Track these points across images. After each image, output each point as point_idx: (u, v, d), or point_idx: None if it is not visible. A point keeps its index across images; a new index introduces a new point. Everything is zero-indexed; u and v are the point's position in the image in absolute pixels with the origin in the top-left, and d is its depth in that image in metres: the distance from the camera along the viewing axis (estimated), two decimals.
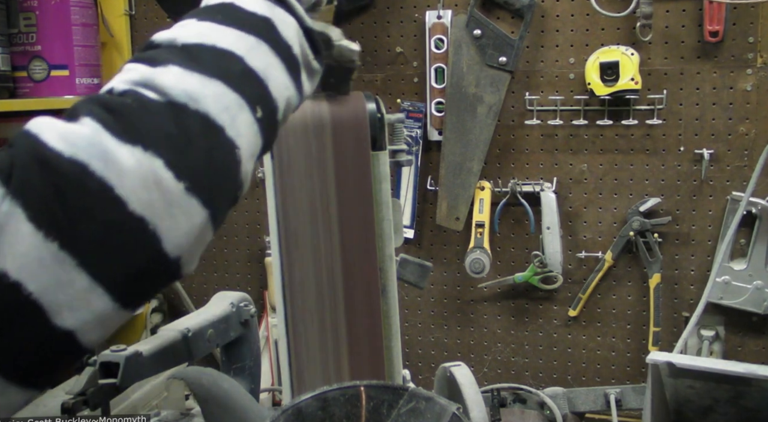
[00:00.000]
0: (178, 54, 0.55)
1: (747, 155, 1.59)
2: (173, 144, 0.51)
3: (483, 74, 1.68)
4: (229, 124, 0.54)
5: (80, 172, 0.47)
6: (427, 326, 1.87)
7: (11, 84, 1.75)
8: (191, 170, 0.51)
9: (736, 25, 1.55)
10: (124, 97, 0.52)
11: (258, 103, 0.57)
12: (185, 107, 0.52)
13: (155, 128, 0.50)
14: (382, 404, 0.85)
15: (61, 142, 0.48)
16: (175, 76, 0.53)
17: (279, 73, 0.61)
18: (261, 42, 0.60)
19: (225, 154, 0.54)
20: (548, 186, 1.69)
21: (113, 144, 0.48)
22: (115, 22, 1.90)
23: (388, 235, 1.03)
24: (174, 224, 0.50)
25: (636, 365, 1.72)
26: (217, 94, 0.54)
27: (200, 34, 0.58)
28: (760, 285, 1.58)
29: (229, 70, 0.56)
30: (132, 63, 0.55)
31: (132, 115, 0.51)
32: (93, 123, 0.49)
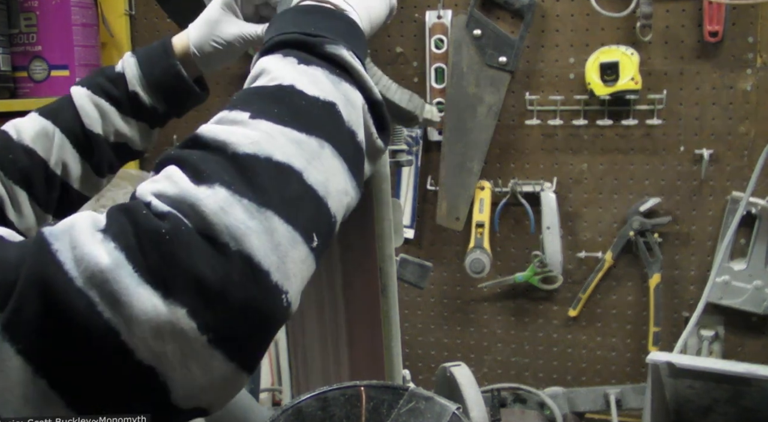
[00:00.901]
0: (228, 168, 0.48)
1: (747, 155, 1.59)
2: (203, 291, 0.44)
3: (483, 74, 1.69)
4: (276, 266, 0.46)
5: (85, 309, 0.42)
6: (427, 326, 1.87)
7: (12, 84, 1.75)
8: (219, 322, 0.44)
9: (735, 25, 1.55)
10: (162, 220, 0.45)
11: (314, 230, 0.50)
12: (225, 247, 0.45)
13: (186, 271, 0.44)
14: (382, 404, 0.85)
15: (75, 265, 0.43)
16: (219, 204, 0.45)
17: (340, 178, 0.54)
18: (324, 144, 0.52)
19: (268, 302, 0.46)
20: (548, 186, 1.69)
21: (131, 283, 0.43)
22: (116, 22, 1.90)
23: (388, 235, 1.03)
24: (188, 376, 0.44)
25: (636, 365, 1.72)
26: (267, 230, 0.46)
27: (254, 141, 0.50)
28: (760, 285, 1.58)
29: (284, 195, 0.48)
30: (175, 166, 0.48)
31: (163, 250, 0.44)
32: (116, 252, 0.43)
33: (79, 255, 0.43)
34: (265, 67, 0.57)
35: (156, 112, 0.92)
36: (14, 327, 0.42)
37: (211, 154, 0.49)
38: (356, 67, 0.58)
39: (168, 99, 0.92)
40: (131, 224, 0.45)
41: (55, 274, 0.43)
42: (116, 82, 0.90)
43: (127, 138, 0.93)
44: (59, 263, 0.43)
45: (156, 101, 0.91)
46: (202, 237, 0.45)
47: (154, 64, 0.90)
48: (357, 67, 0.59)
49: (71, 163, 0.90)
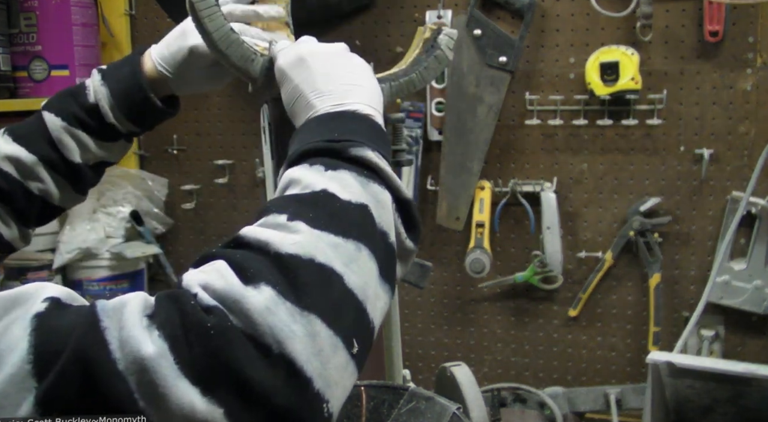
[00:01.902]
0: (272, 268, 0.48)
1: (747, 155, 1.59)
2: (243, 393, 0.43)
3: (483, 74, 1.68)
4: (319, 373, 0.45)
5: (123, 394, 0.42)
6: (427, 326, 1.87)
7: (12, 84, 1.75)
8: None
9: (736, 25, 1.55)
10: (208, 315, 0.45)
11: (355, 336, 0.49)
12: (269, 350, 0.44)
13: (228, 369, 0.43)
14: (382, 404, 0.85)
15: (120, 349, 0.43)
16: (265, 304, 0.45)
17: (375, 282, 0.53)
18: (360, 247, 0.52)
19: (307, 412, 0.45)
20: (548, 186, 1.69)
21: (172, 375, 0.42)
22: (116, 22, 1.90)
23: None
24: None
25: (636, 365, 1.72)
26: (309, 334, 0.45)
27: (296, 241, 0.49)
28: (760, 285, 1.58)
29: (327, 298, 0.48)
30: (223, 261, 0.48)
31: (207, 345, 0.43)
32: (160, 340, 0.43)
33: (125, 337, 0.43)
34: (294, 178, 0.57)
35: (132, 133, 0.95)
36: (49, 402, 0.42)
37: (254, 253, 0.49)
38: (383, 167, 0.59)
39: (142, 123, 0.94)
40: (178, 314, 0.44)
41: (99, 354, 0.43)
42: (91, 112, 0.91)
43: (105, 157, 0.95)
44: (106, 342, 0.43)
45: (132, 126, 0.93)
46: (246, 336, 0.44)
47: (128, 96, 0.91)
48: (384, 167, 0.59)
49: (50, 187, 0.91)
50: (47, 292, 0.47)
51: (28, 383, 0.42)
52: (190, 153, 1.92)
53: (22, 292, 0.47)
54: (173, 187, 1.93)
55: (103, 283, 1.76)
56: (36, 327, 0.44)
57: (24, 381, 0.42)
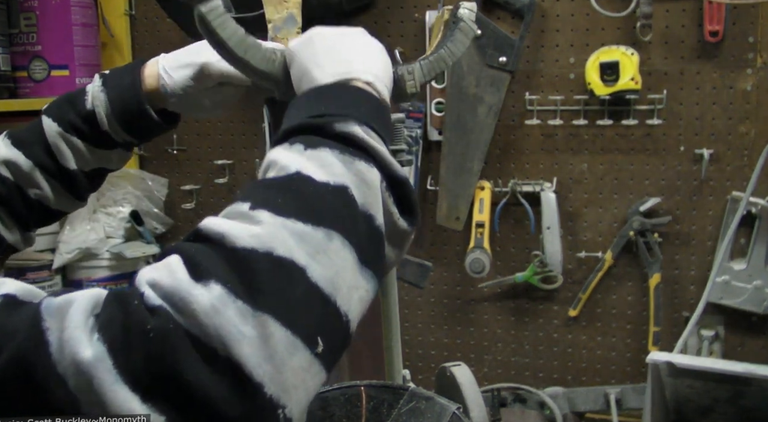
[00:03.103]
0: (225, 264, 0.45)
1: (747, 155, 1.59)
2: (186, 400, 0.41)
3: (483, 74, 1.68)
4: (271, 377, 0.42)
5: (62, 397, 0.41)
6: (427, 326, 1.87)
7: (12, 84, 1.75)
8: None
9: (736, 25, 1.55)
10: (152, 316, 0.42)
11: (319, 334, 0.46)
12: (213, 353, 0.41)
13: (168, 374, 0.41)
14: (382, 404, 0.85)
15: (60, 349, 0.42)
16: (212, 303, 0.42)
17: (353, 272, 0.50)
18: (332, 235, 0.48)
19: (259, 419, 0.42)
20: (548, 186, 1.69)
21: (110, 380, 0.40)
22: (116, 22, 1.90)
23: None
24: None
25: (636, 365, 1.72)
26: (261, 336, 0.42)
27: (254, 234, 0.46)
28: (760, 285, 1.58)
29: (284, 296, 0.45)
30: (177, 256, 0.46)
31: (147, 349, 0.41)
32: (99, 343, 0.41)
33: (66, 338, 0.41)
34: (273, 159, 0.54)
35: (129, 143, 0.94)
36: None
37: (209, 247, 0.46)
38: (371, 144, 0.55)
39: (138, 135, 0.93)
40: (121, 315, 0.42)
41: (39, 355, 0.41)
42: (88, 119, 0.90)
43: (102, 164, 0.95)
44: (47, 343, 0.41)
45: (127, 137, 0.93)
46: (190, 338, 0.41)
47: (125, 106, 0.90)
48: (371, 144, 0.55)
49: (47, 193, 0.91)
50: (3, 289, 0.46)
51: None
52: (190, 153, 1.92)
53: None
54: (173, 187, 1.93)
55: (103, 283, 1.76)
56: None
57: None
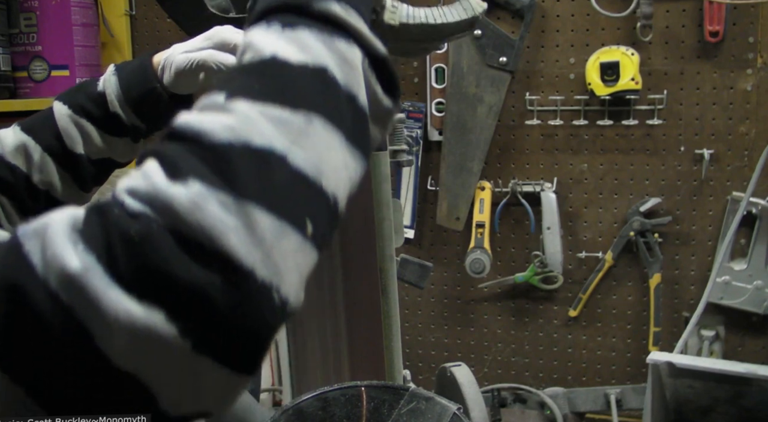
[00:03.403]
0: (203, 160, 0.44)
1: (747, 155, 1.59)
2: (180, 295, 0.41)
3: (483, 74, 1.68)
4: (261, 262, 0.43)
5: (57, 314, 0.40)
6: (427, 326, 1.87)
7: (12, 84, 1.75)
8: (202, 326, 0.41)
9: (736, 25, 1.55)
10: (133, 222, 0.42)
11: (307, 216, 0.46)
12: (201, 247, 0.41)
13: (159, 273, 0.41)
14: (382, 404, 0.85)
15: (47, 270, 0.41)
16: (193, 201, 0.42)
17: (336, 152, 0.49)
18: (312, 118, 0.48)
19: (253, 303, 0.43)
20: (548, 186, 1.69)
21: (103, 286, 0.40)
22: (116, 22, 1.90)
23: (389, 235, 1.03)
24: (175, 385, 0.42)
25: (636, 365, 1.72)
26: (246, 225, 0.43)
27: (229, 126, 0.45)
28: (760, 285, 1.58)
29: (265, 183, 0.44)
30: (152, 161, 0.45)
31: (134, 253, 0.41)
32: (86, 254, 0.41)
33: (50, 257, 0.41)
34: (249, 41, 0.52)
35: (138, 129, 0.92)
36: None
37: (186, 146, 0.45)
38: (350, 22, 0.53)
39: (148, 118, 0.91)
40: (102, 225, 0.42)
41: (25, 278, 0.41)
42: (97, 101, 0.89)
43: (110, 154, 0.93)
44: (31, 266, 0.41)
45: (137, 120, 0.91)
46: (175, 236, 0.41)
47: (134, 85, 0.89)
48: (351, 22, 0.53)
49: (54, 180, 0.90)
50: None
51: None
52: None
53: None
54: None
55: None
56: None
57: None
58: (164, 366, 0.41)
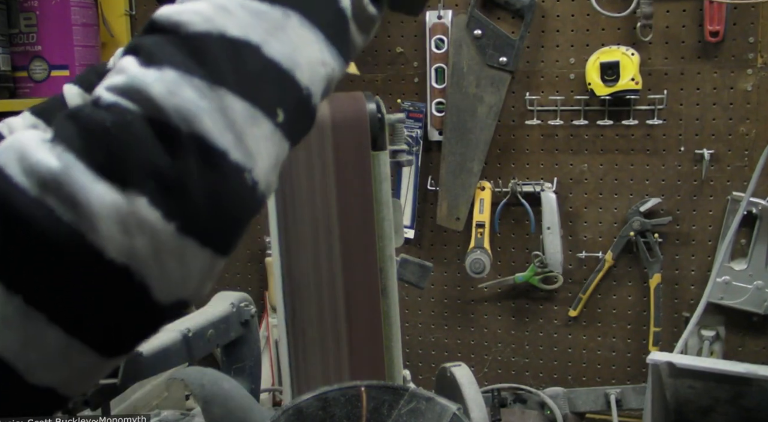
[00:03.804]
0: (179, 49, 0.45)
1: (747, 155, 1.59)
2: (159, 178, 0.42)
3: (483, 74, 1.68)
4: (234, 144, 0.44)
5: (45, 217, 0.40)
6: (427, 326, 1.87)
7: (11, 84, 1.75)
8: (184, 208, 0.43)
9: (736, 25, 1.55)
10: (107, 113, 0.43)
11: (279, 105, 0.47)
12: (177, 131, 0.43)
13: (138, 159, 0.42)
14: (382, 404, 0.85)
15: (26, 177, 0.41)
16: (168, 87, 0.43)
17: (313, 48, 0.50)
18: (289, 13, 0.48)
19: (229, 182, 0.45)
20: (548, 186, 1.69)
21: (86, 181, 0.41)
22: (116, 22, 1.90)
23: (389, 235, 1.03)
24: (165, 270, 0.43)
25: (636, 365, 1.72)
26: (220, 109, 0.44)
27: (207, 17, 0.46)
28: (761, 286, 1.58)
29: (239, 71, 0.46)
30: (128, 56, 0.46)
31: (111, 143, 0.42)
32: (65, 153, 0.42)
33: (27, 165, 0.41)
34: None
35: None
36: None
37: (164, 36, 0.46)
38: None
39: None
40: (75, 125, 0.43)
41: (6, 189, 0.41)
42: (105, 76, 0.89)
43: None
44: (7, 177, 0.41)
45: None
46: (151, 123, 0.42)
47: None
48: None
49: None
50: None
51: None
52: None
53: None
54: None
55: None
56: None
57: None
58: (153, 252, 0.42)
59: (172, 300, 0.44)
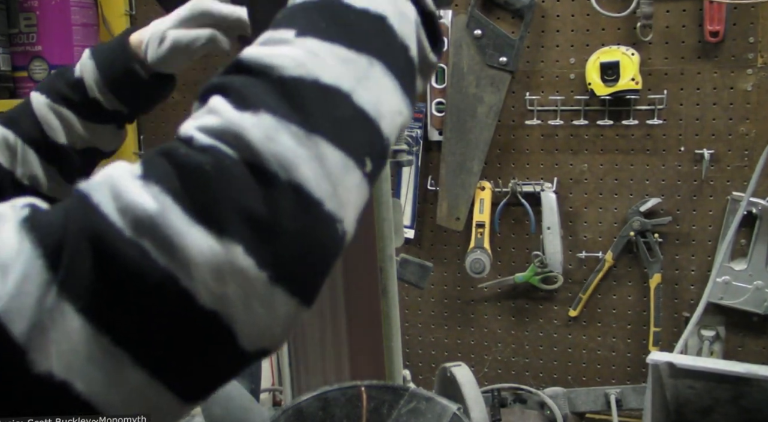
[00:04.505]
0: (273, 93, 0.45)
1: (747, 155, 1.59)
2: (256, 226, 0.42)
3: (483, 74, 1.68)
4: (329, 194, 0.44)
5: (140, 259, 0.41)
6: (427, 326, 1.87)
7: (11, 84, 1.75)
8: (277, 257, 0.42)
9: (736, 25, 1.55)
10: (205, 156, 0.42)
11: (367, 155, 0.47)
12: (275, 178, 0.42)
13: (236, 205, 0.42)
14: (382, 404, 0.85)
15: (122, 216, 0.41)
16: (266, 132, 0.43)
17: (392, 97, 0.50)
18: (373, 62, 0.49)
19: (322, 233, 0.44)
20: (548, 186, 1.69)
21: (183, 225, 0.41)
22: (116, 22, 1.90)
23: (389, 236, 1.03)
24: (253, 318, 0.43)
25: (636, 365, 1.72)
26: (317, 157, 0.44)
27: (300, 62, 0.46)
28: (761, 286, 1.58)
29: (333, 119, 0.45)
30: (218, 96, 0.46)
31: (209, 188, 0.42)
32: (162, 195, 0.41)
33: (122, 205, 0.41)
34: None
35: (120, 114, 0.90)
36: (71, 287, 0.40)
37: (255, 78, 0.46)
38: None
39: (129, 101, 0.89)
40: (171, 165, 0.42)
41: (102, 228, 0.41)
42: (75, 87, 0.87)
43: (94, 143, 0.90)
44: (104, 216, 0.41)
45: (118, 104, 0.89)
46: (249, 168, 0.42)
47: (112, 67, 0.86)
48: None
49: (38, 174, 0.87)
50: (21, 201, 0.46)
51: (44, 276, 0.41)
52: None
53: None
54: None
55: None
56: (30, 228, 0.42)
57: (40, 276, 0.41)
58: (244, 300, 0.42)
59: (257, 348, 0.44)
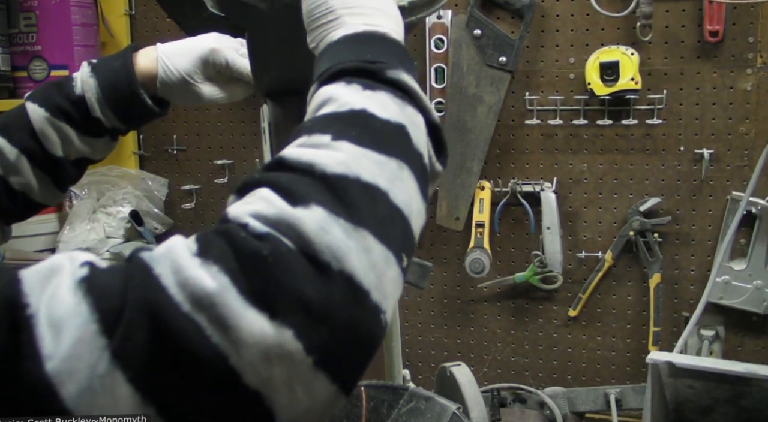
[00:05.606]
0: (320, 189, 0.48)
1: (747, 155, 1.59)
2: (308, 312, 0.44)
3: (483, 74, 1.68)
4: (375, 285, 0.47)
5: (194, 335, 0.42)
6: (427, 326, 1.87)
7: (11, 84, 1.75)
8: (324, 343, 0.44)
9: (736, 25, 1.55)
10: (262, 243, 0.45)
11: (404, 250, 0.50)
12: (328, 267, 0.45)
13: (291, 291, 0.44)
14: (382, 404, 0.85)
15: (180, 291, 0.43)
16: (319, 224, 0.46)
17: (417, 199, 0.54)
18: (402, 165, 0.53)
19: (368, 322, 0.46)
20: (548, 186, 1.69)
21: (238, 306, 0.43)
22: (115, 22, 1.90)
23: None
24: (294, 401, 0.44)
25: (636, 365, 1.72)
26: (364, 249, 0.47)
27: (342, 161, 0.50)
28: (760, 285, 1.58)
29: (376, 215, 0.49)
30: (267, 188, 0.48)
31: (266, 272, 0.44)
32: (221, 275, 0.43)
33: (182, 279, 0.43)
34: (332, 95, 0.57)
35: (117, 130, 0.93)
36: (124, 355, 0.42)
37: (300, 175, 0.49)
38: (417, 91, 0.59)
39: (129, 120, 0.93)
40: (230, 247, 0.45)
41: (161, 300, 0.43)
42: (77, 104, 0.89)
43: (86, 154, 0.93)
44: (163, 288, 0.43)
45: (117, 123, 0.92)
46: (304, 257, 0.45)
47: (116, 89, 0.89)
48: (418, 91, 0.60)
49: (31, 182, 0.89)
50: (81, 258, 0.48)
51: (98, 342, 0.42)
52: (190, 153, 1.92)
53: (56, 263, 0.46)
54: (173, 187, 1.93)
55: None
56: (87, 290, 0.44)
57: (94, 341, 0.42)
58: (287, 382, 0.43)
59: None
